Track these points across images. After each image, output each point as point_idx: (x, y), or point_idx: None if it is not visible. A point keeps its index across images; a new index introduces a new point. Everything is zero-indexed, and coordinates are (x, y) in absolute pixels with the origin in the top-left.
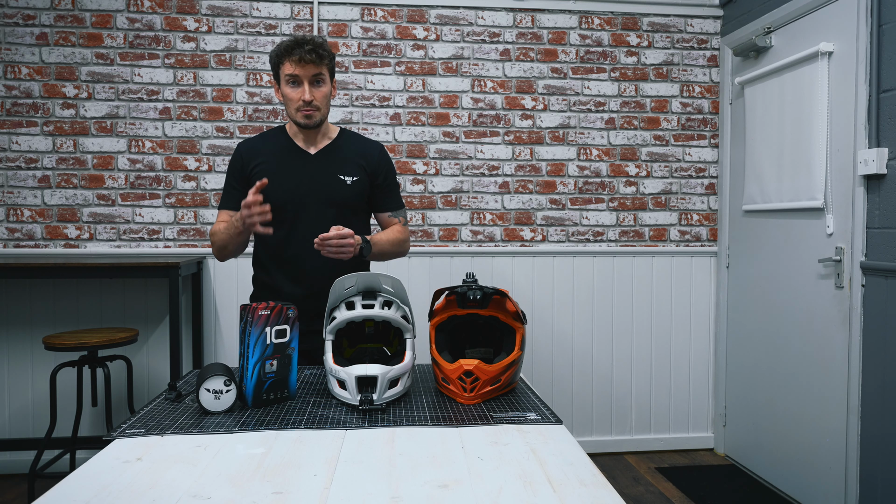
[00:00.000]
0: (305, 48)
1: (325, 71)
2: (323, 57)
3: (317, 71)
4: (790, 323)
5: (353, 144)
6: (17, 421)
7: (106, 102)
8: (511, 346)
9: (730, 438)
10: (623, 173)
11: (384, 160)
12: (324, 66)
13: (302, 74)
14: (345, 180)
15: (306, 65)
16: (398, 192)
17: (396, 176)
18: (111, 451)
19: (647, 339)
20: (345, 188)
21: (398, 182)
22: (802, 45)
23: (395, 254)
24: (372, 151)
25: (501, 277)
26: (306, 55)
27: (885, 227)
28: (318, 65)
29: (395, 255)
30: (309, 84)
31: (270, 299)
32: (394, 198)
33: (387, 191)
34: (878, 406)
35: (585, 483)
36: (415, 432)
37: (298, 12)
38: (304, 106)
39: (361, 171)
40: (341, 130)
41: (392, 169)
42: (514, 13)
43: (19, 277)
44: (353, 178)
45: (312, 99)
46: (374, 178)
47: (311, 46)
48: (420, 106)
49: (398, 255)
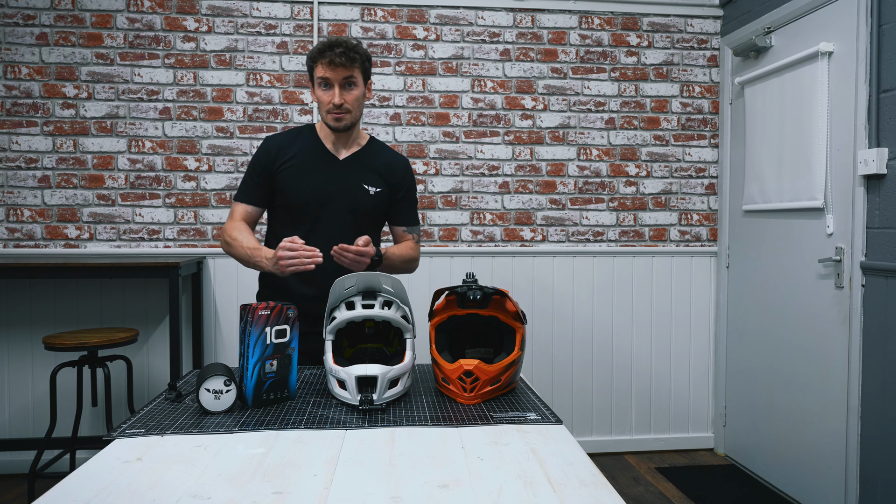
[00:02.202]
0: (336, 51)
1: (358, 73)
2: (354, 60)
3: (348, 74)
4: (790, 323)
5: (381, 155)
6: (17, 421)
7: (106, 102)
8: (511, 346)
9: (730, 438)
10: (623, 173)
11: (408, 175)
12: (355, 68)
13: (333, 77)
14: (368, 190)
15: (337, 67)
16: (416, 208)
17: (417, 193)
18: (111, 451)
19: (647, 339)
20: (367, 197)
21: (417, 199)
22: (802, 45)
23: (402, 270)
24: (397, 165)
25: (501, 277)
26: (337, 58)
27: (885, 227)
28: (349, 68)
29: (401, 272)
30: (340, 87)
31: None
32: (411, 213)
33: (405, 205)
34: (878, 406)
35: (585, 483)
36: (415, 432)
37: (298, 12)
38: (334, 109)
39: (385, 183)
40: (371, 139)
41: (413, 185)
42: (514, 13)
43: (19, 277)
44: (377, 189)
45: (343, 102)
46: (396, 192)
47: (343, 49)
48: (420, 106)
49: (405, 272)
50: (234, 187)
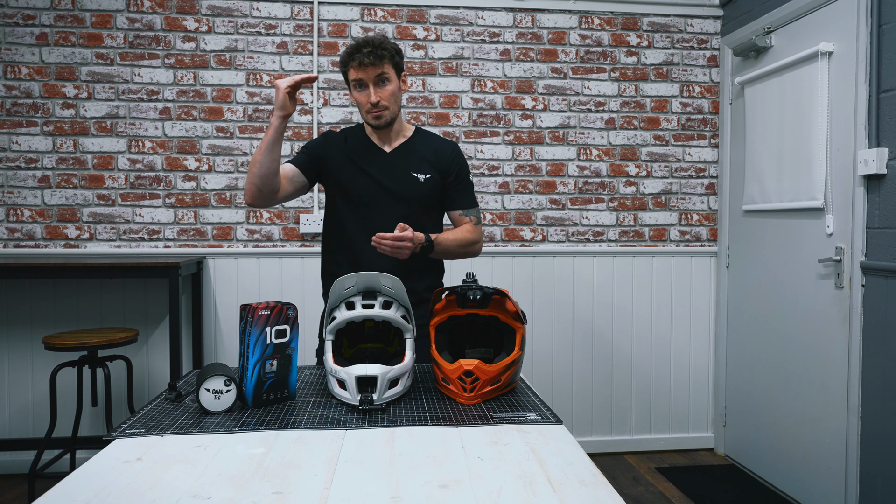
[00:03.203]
0: (364, 51)
1: (389, 69)
2: (383, 56)
3: (379, 71)
4: (790, 323)
5: (428, 143)
6: (17, 421)
7: (106, 102)
8: (511, 346)
9: (730, 438)
10: (623, 173)
11: (457, 158)
12: (385, 64)
13: (365, 77)
14: (417, 178)
15: (367, 67)
16: (471, 191)
17: (470, 175)
18: (111, 451)
19: (647, 339)
20: (417, 185)
21: (471, 181)
22: (802, 45)
23: (462, 254)
24: (445, 149)
25: (501, 277)
26: (365, 58)
27: (885, 227)
28: (378, 65)
29: (462, 255)
30: (374, 85)
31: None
32: (465, 196)
33: (458, 188)
34: (878, 406)
35: (585, 483)
36: (415, 432)
37: (298, 12)
38: (371, 108)
39: (434, 169)
40: (416, 129)
41: (465, 168)
42: (514, 13)
43: (19, 277)
44: (426, 176)
45: (379, 100)
46: (447, 176)
47: (370, 48)
48: (420, 106)
49: (467, 255)
50: (235, 187)
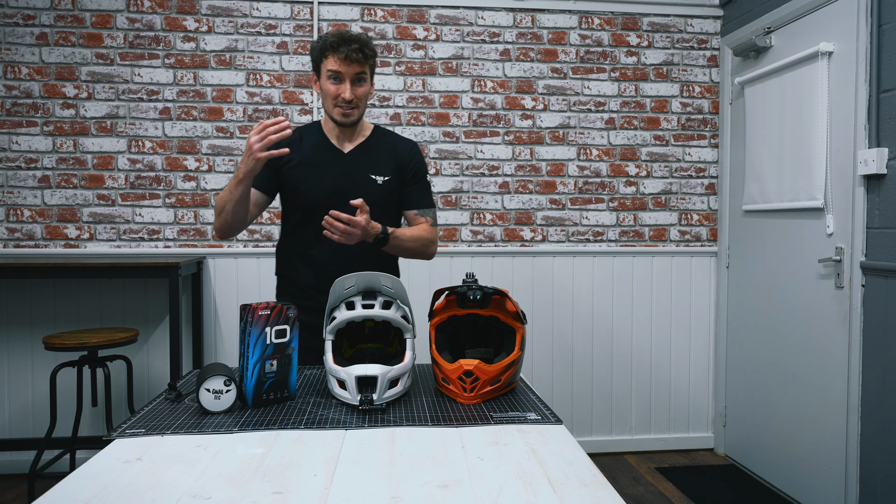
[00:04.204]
0: (352, 46)
1: (368, 70)
2: (368, 56)
3: (360, 70)
4: (790, 323)
5: (386, 142)
6: (17, 421)
7: (106, 102)
8: (511, 346)
9: (730, 438)
10: (623, 173)
11: (416, 157)
12: (367, 65)
13: (345, 72)
14: (376, 180)
15: (351, 63)
16: (428, 191)
17: (428, 176)
18: (111, 451)
19: (647, 339)
20: (376, 188)
21: (429, 182)
22: (802, 45)
23: (417, 252)
24: (404, 149)
25: (501, 277)
26: (353, 53)
27: (885, 227)
28: (363, 64)
29: (417, 255)
30: (351, 82)
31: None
32: (422, 196)
33: (415, 188)
34: (878, 406)
35: (585, 483)
36: (415, 432)
37: (298, 12)
38: (343, 103)
39: (392, 170)
40: (375, 128)
41: (423, 167)
42: (514, 13)
43: (19, 277)
44: (385, 178)
45: (353, 98)
46: (404, 175)
47: (358, 45)
48: (420, 106)
49: (422, 255)
50: None
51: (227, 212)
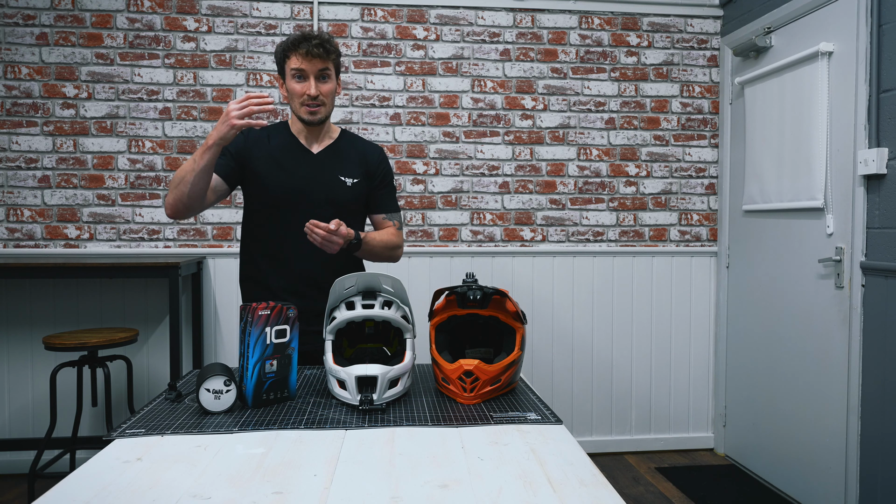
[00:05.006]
0: (313, 42)
1: (332, 67)
2: (330, 52)
3: (323, 66)
4: (790, 323)
5: (355, 146)
6: (17, 421)
7: (106, 102)
8: (511, 346)
9: (730, 438)
10: (623, 173)
11: (383, 163)
12: (330, 61)
13: (308, 69)
14: (345, 181)
15: (313, 59)
16: (394, 196)
17: (394, 180)
18: (111, 451)
19: (647, 339)
20: (345, 189)
21: (395, 186)
22: (802, 45)
23: (385, 257)
24: (372, 154)
25: (501, 277)
26: (313, 49)
27: (885, 227)
28: (325, 59)
29: (385, 259)
30: (315, 79)
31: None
32: (389, 201)
33: (383, 193)
34: (878, 406)
35: (585, 483)
36: (415, 432)
37: (298, 12)
38: (308, 101)
39: (361, 174)
40: (343, 131)
41: (390, 172)
42: (514, 13)
43: (19, 277)
44: (354, 181)
45: (318, 94)
46: (372, 180)
47: (319, 41)
48: (420, 106)
49: (389, 259)
50: None
51: (185, 182)
